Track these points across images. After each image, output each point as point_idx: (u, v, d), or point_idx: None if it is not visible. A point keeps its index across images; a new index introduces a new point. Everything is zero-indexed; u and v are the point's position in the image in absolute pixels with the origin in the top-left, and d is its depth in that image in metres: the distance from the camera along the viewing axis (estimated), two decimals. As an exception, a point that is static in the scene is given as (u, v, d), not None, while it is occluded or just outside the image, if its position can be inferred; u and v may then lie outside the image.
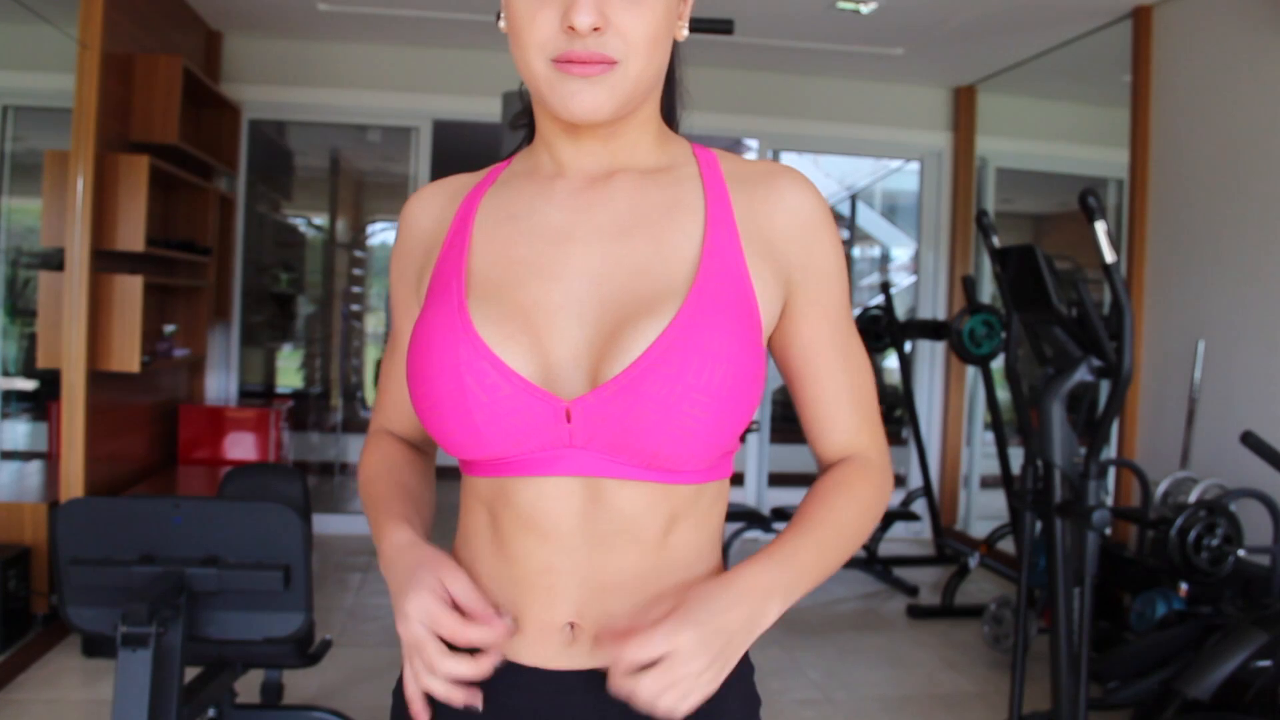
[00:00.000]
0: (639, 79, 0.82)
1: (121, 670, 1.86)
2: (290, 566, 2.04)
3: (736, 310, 0.82)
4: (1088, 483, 2.60)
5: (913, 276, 5.96)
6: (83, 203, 3.54)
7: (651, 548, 0.84)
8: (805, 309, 0.89)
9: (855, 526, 0.89)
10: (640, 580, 0.84)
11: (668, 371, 0.78)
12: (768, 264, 0.86)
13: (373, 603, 4.14)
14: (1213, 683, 2.40)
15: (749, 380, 0.80)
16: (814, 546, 0.85)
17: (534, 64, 0.82)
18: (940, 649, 3.81)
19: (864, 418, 0.92)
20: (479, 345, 0.81)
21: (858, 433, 0.92)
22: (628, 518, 0.83)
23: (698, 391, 0.78)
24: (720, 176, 0.88)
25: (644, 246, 0.85)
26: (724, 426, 0.80)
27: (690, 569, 0.87)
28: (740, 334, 0.81)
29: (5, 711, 2.94)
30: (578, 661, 0.85)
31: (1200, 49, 3.86)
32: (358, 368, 6.93)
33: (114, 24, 3.70)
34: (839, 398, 0.91)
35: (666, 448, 0.79)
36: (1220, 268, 3.69)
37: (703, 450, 0.81)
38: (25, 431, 4.48)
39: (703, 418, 0.78)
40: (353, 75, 5.16)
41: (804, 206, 0.88)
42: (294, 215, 6.80)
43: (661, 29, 0.82)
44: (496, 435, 0.81)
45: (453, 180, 0.97)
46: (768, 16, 4.49)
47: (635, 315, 0.81)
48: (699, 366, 0.78)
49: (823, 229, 0.88)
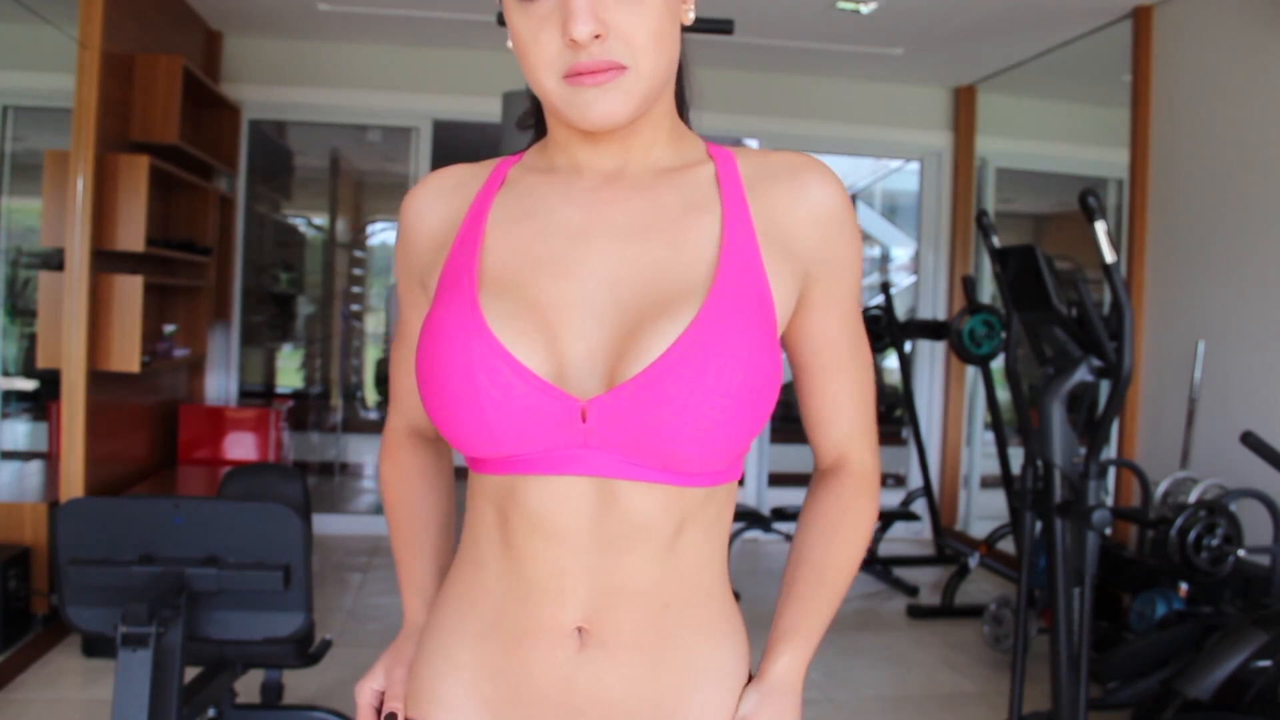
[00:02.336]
0: (652, 77, 0.81)
1: (121, 670, 1.86)
2: (290, 566, 2.04)
3: (754, 311, 0.81)
4: (1088, 483, 2.60)
5: (913, 276, 5.96)
6: (83, 203, 3.54)
7: (661, 552, 0.83)
8: (820, 302, 0.88)
9: (853, 564, 0.93)
10: (650, 585, 0.83)
11: (687, 373, 0.77)
12: (786, 262, 0.85)
13: (373, 603, 4.14)
14: (1213, 683, 2.40)
15: (766, 381, 0.80)
16: (823, 606, 0.90)
17: (545, 83, 0.81)
18: (940, 649, 3.81)
19: (863, 416, 0.93)
20: (492, 342, 0.80)
21: (855, 431, 0.93)
22: (639, 520, 0.81)
23: (717, 393, 0.77)
24: (737, 175, 0.87)
25: (661, 247, 0.84)
26: (742, 428, 0.79)
27: (698, 575, 0.87)
28: (759, 335, 0.80)
29: (5, 711, 2.94)
30: (584, 671, 0.84)
31: (1200, 49, 3.86)
32: (358, 368, 6.93)
33: (114, 24, 3.70)
34: (843, 393, 0.92)
35: (684, 450, 0.79)
36: (1220, 268, 3.69)
37: (719, 452, 0.80)
38: (25, 431, 4.48)
39: (721, 419, 0.78)
40: (353, 75, 5.16)
41: (825, 201, 0.87)
42: (294, 215, 6.80)
43: (665, 22, 0.81)
44: (509, 433, 0.80)
45: (454, 172, 0.95)
46: (768, 16, 4.49)
47: (653, 316, 0.80)
48: (718, 368, 0.77)
49: (844, 223, 0.88)
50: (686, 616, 0.86)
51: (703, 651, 0.86)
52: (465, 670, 0.88)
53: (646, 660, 0.84)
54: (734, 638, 0.89)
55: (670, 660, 0.85)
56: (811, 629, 0.90)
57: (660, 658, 0.85)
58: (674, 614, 0.85)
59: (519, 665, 0.85)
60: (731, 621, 0.89)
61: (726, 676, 0.87)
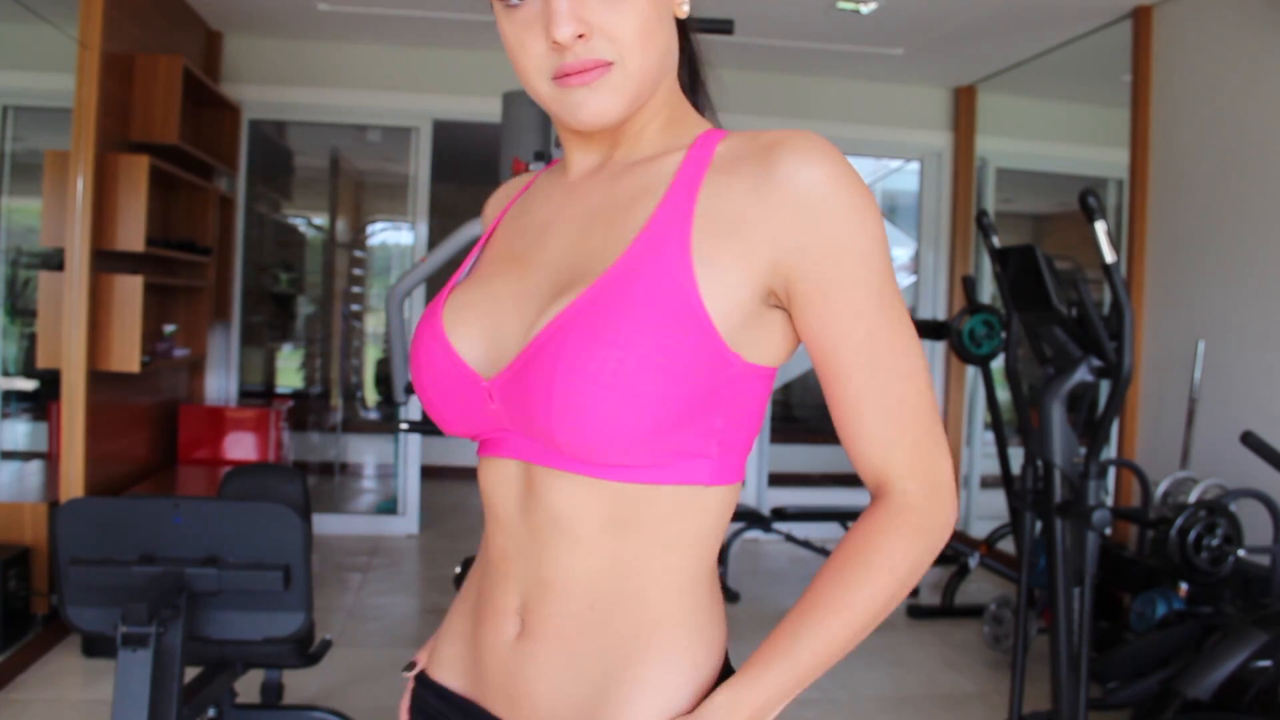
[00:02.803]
0: (641, 73, 0.81)
1: (121, 670, 1.86)
2: (290, 566, 2.04)
3: (652, 297, 0.76)
4: (1088, 483, 2.60)
5: (913, 276, 5.96)
6: (83, 203, 3.54)
7: (589, 550, 0.81)
8: (810, 296, 0.77)
9: (861, 610, 0.78)
10: (573, 582, 0.82)
11: (553, 353, 0.76)
12: (732, 247, 0.77)
13: (373, 603, 4.14)
14: (1213, 683, 2.40)
15: (662, 370, 0.75)
16: (801, 652, 0.78)
17: (537, 86, 0.83)
18: (940, 649, 3.81)
19: (900, 434, 0.79)
20: (436, 331, 0.86)
21: (891, 451, 0.79)
22: (556, 511, 0.81)
23: (584, 376, 0.74)
24: (707, 158, 0.82)
25: (597, 236, 0.83)
26: (623, 415, 0.75)
27: (638, 584, 0.82)
28: (652, 320, 0.75)
29: (5, 711, 2.94)
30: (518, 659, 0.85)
31: (1200, 49, 3.86)
32: (358, 368, 6.93)
33: (114, 24, 3.70)
34: (862, 405, 0.79)
35: (559, 433, 0.76)
36: (1220, 268, 3.69)
37: (602, 439, 0.76)
38: (25, 431, 4.48)
39: (590, 404, 0.74)
40: (353, 75, 5.16)
41: (798, 179, 0.76)
42: (294, 215, 6.80)
43: (651, 17, 0.80)
44: (450, 415, 0.86)
45: (512, 181, 1.04)
46: (768, 16, 4.49)
47: (552, 302, 0.82)
48: (588, 351, 0.75)
49: (826, 204, 0.76)
50: (618, 624, 0.82)
51: (633, 665, 0.81)
52: (457, 640, 0.94)
53: (565, 660, 0.83)
54: (682, 660, 0.82)
55: (592, 666, 0.82)
56: (771, 673, 0.77)
57: (581, 661, 0.82)
58: (600, 618, 0.82)
59: (480, 643, 0.89)
60: (686, 643, 0.82)
61: (663, 699, 0.80)
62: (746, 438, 0.83)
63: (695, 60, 0.94)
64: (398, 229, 6.74)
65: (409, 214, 5.39)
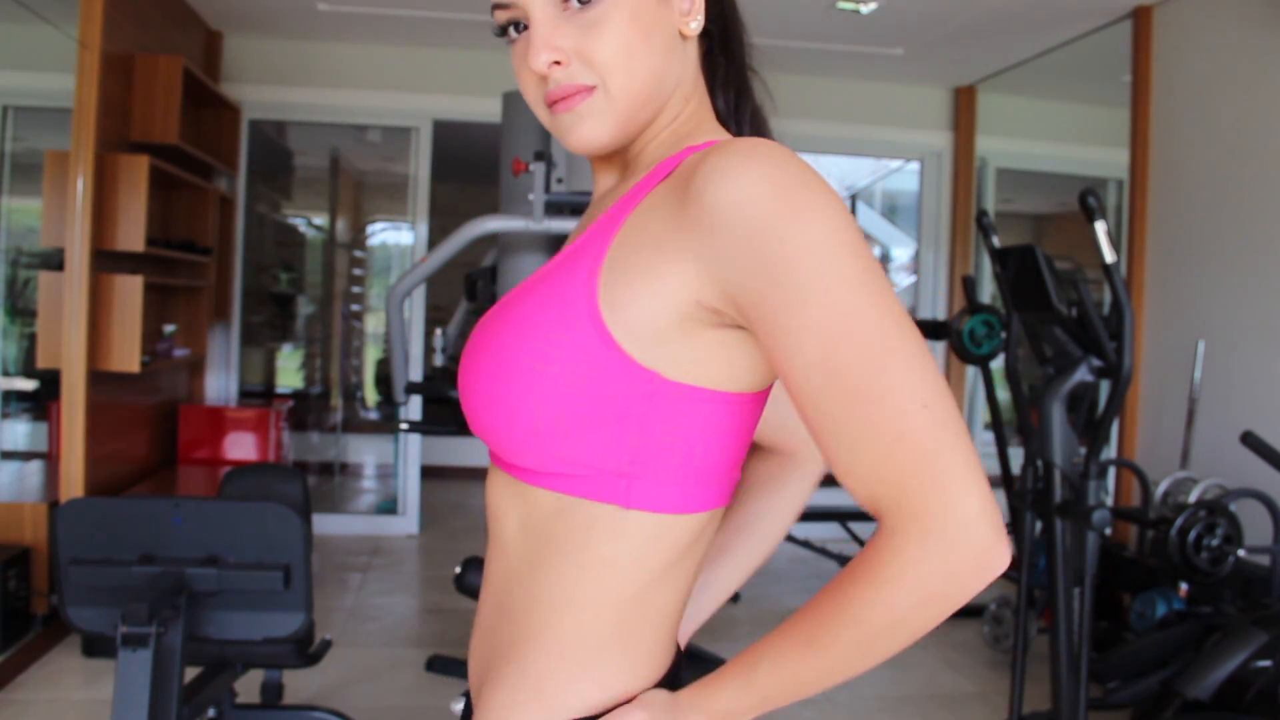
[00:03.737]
0: (626, 95, 0.79)
1: (121, 670, 1.86)
2: (290, 566, 2.04)
3: (548, 303, 0.75)
4: (1088, 483, 2.60)
5: (913, 276, 5.96)
6: (83, 203, 3.54)
7: (506, 548, 0.82)
8: (756, 322, 0.69)
9: (842, 630, 0.69)
10: (496, 579, 0.84)
11: (469, 354, 0.80)
12: (644, 258, 0.73)
13: (373, 603, 4.14)
14: (1213, 683, 2.40)
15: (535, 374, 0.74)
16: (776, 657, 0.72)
17: (538, 114, 0.85)
18: (940, 649, 3.81)
19: (879, 465, 0.66)
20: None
21: (875, 483, 0.66)
22: (493, 506, 0.84)
23: (472, 375, 0.79)
24: (665, 172, 0.78)
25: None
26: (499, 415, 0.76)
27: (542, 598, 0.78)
28: (537, 326, 0.74)
29: (5, 711, 2.94)
30: None
31: (1200, 49, 3.86)
32: (358, 368, 6.93)
33: (114, 24, 3.70)
34: (829, 434, 0.68)
35: (479, 428, 0.80)
36: (1220, 268, 3.69)
37: (497, 439, 0.77)
38: (25, 431, 4.48)
39: (478, 401, 0.78)
40: (353, 75, 5.16)
41: (718, 196, 0.68)
42: (294, 215, 6.80)
43: (634, 38, 0.78)
44: None
45: None
46: (768, 17, 4.46)
47: None
48: (477, 351, 0.79)
49: (745, 218, 0.67)
50: (503, 629, 0.81)
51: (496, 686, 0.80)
52: None
53: (478, 653, 0.86)
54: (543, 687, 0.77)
55: (481, 663, 0.85)
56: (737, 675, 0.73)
57: (479, 656, 0.85)
58: (497, 620, 0.83)
59: None
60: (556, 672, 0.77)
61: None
62: (691, 466, 0.75)
63: (741, 81, 0.94)
64: (398, 229, 6.74)
65: (409, 214, 5.39)
